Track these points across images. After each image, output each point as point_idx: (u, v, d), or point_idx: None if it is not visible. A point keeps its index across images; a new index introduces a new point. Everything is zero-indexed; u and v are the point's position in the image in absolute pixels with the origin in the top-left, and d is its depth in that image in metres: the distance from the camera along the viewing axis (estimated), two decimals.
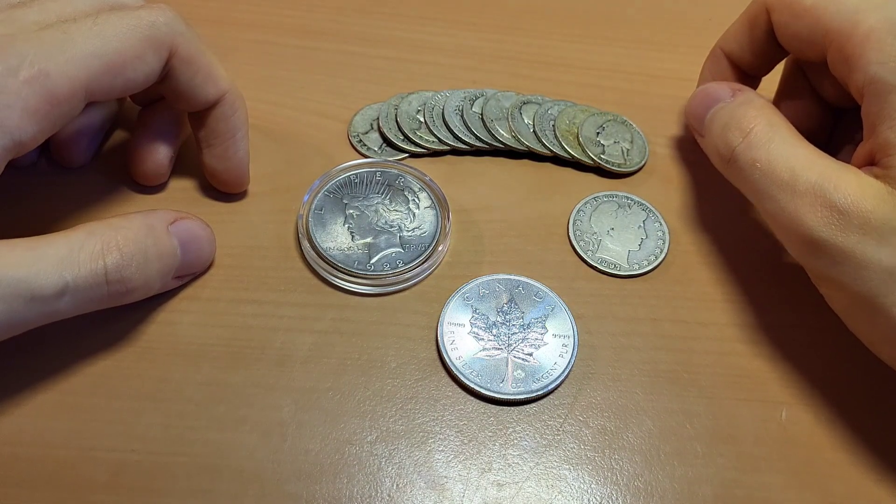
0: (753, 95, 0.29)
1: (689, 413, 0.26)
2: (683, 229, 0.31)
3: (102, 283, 0.23)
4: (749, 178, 0.26)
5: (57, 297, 0.22)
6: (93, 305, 0.24)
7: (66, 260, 0.22)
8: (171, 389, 0.26)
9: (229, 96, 0.28)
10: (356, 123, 0.34)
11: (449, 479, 0.25)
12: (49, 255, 0.22)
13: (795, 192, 0.24)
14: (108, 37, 0.24)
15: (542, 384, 0.26)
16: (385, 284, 0.28)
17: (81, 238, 0.23)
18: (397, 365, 0.27)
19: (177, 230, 0.26)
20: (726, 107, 0.29)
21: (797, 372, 0.28)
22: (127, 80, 0.25)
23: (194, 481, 0.24)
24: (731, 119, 0.28)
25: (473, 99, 0.34)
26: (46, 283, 0.22)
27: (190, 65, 0.27)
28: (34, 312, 0.22)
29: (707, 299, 0.29)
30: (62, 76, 0.23)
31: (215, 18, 0.38)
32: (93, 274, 0.23)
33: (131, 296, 0.25)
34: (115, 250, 0.23)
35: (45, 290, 0.22)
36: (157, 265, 0.25)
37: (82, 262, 0.22)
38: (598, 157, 0.33)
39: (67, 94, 0.23)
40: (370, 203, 0.30)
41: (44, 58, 0.23)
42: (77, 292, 0.22)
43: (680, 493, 0.25)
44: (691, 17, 0.41)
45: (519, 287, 0.29)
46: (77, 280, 0.22)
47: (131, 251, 0.24)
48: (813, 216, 0.24)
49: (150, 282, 0.25)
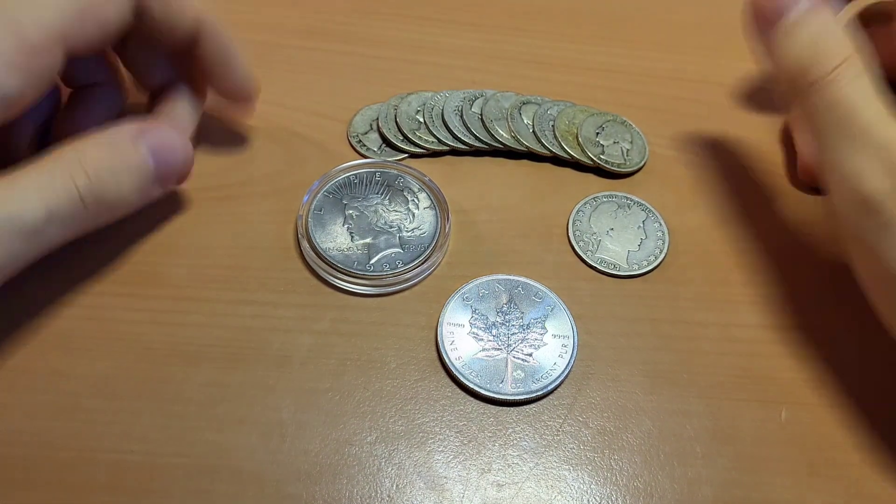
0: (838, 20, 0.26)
1: (688, 413, 0.26)
2: (683, 229, 0.31)
3: (80, 206, 0.24)
4: (822, 115, 0.24)
5: (45, 226, 0.23)
6: (79, 228, 0.24)
7: (45, 188, 0.23)
8: (170, 390, 0.26)
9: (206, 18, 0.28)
10: (356, 124, 0.34)
11: (449, 480, 0.25)
12: (29, 187, 0.23)
13: (866, 146, 0.23)
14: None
15: (541, 384, 0.26)
16: (384, 285, 0.28)
17: (50, 165, 0.24)
18: (397, 365, 0.27)
19: (144, 140, 0.26)
20: (813, 23, 0.25)
21: (797, 372, 0.28)
22: (102, 22, 0.25)
23: (194, 482, 0.24)
24: (819, 42, 0.25)
25: (473, 99, 0.34)
26: (32, 215, 0.22)
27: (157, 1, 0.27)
28: (28, 245, 0.23)
29: (707, 299, 0.29)
30: (35, 23, 0.23)
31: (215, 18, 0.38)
32: (70, 198, 0.23)
33: (112, 212, 0.25)
34: (81, 172, 0.24)
35: (33, 222, 0.22)
36: (128, 178, 0.25)
37: (57, 188, 0.23)
38: (597, 158, 0.33)
39: (43, 42, 0.23)
40: (370, 203, 0.30)
41: (13, 5, 0.23)
42: (61, 219, 0.23)
43: (680, 493, 0.25)
44: (691, 17, 0.40)
45: (518, 287, 0.29)
46: (58, 206, 0.23)
47: (97, 169, 0.24)
48: (875, 176, 0.23)
49: (126, 196, 0.25)
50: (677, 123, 0.35)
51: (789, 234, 0.31)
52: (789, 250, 0.31)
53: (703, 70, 0.38)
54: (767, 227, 0.31)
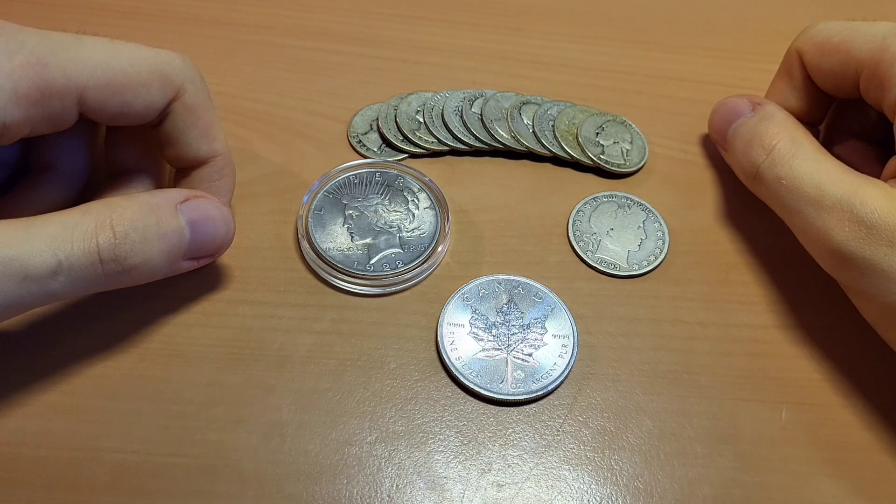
0: (775, 109, 0.29)
1: (688, 413, 0.26)
2: (683, 229, 0.31)
3: (96, 262, 0.22)
4: (775, 194, 0.27)
5: (51, 277, 0.22)
6: (91, 285, 0.23)
7: (59, 238, 0.22)
8: (170, 390, 0.26)
9: (220, 160, 0.27)
10: (356, 124, 0.34)
11: (448, 480, 0.25)
12: (42, 234, 0.22)
13: (822, 207, 0.25)
14: (119, 55, 0.24)
15: (541, 385, 0.26)
16: (384, 285, 0.28)
17: (76, 217, 0.22)
18: (397, 365, 0.27)
19: (186, 209, 0.25)
20: (747, 122, 0.29)
21: (797, 372, 0.28)
22: (125, 103, 0.24)
23: (194, 482, 0.24)
24: (753, 135, 0.28)
25: (473, 99, 0.34)
26: (39, 261, 0.21)
27: (191, 113, 0.26)
28: (28, 293, 0.21)
29: (707, 299, 0.29)
30: (60, 70, 0.23)
31: (215, 18, 0.38)
32: (85, 253, 0.22)
33: (131, 275, 0.23)
34: (107, 228, 0.23)
35: (38, 270, 0.21)
36: (158, 245, 0.24)
37: (75, 241, 0.22)
38: (597, 158, 0.33)
39: (61, 89, 0.23)
40: (370, 203, 0.30)
41: (46, 50, 0.23)
42: (71, 272, 0.22)
43: (680, 493, 0.25)
44: (691, 18, 0.41)
45: (518, 287, 0.29)
46: (70, 259, 0.22)
47: (125, 230, 0.23)
48: (840, 230, 0.24)
49: (151, 261, 0.24)
50: (677, 123, 0.35)
51: (789, 234, 0.31)
52: (789, 250, 0.31)
53: (703, 70, 0.38)
54: (767, 226, 0.31)
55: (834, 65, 0.28)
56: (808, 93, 0.30)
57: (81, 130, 0.27)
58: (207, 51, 0.36)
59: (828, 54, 0.28)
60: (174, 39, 0.26)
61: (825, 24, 0.29)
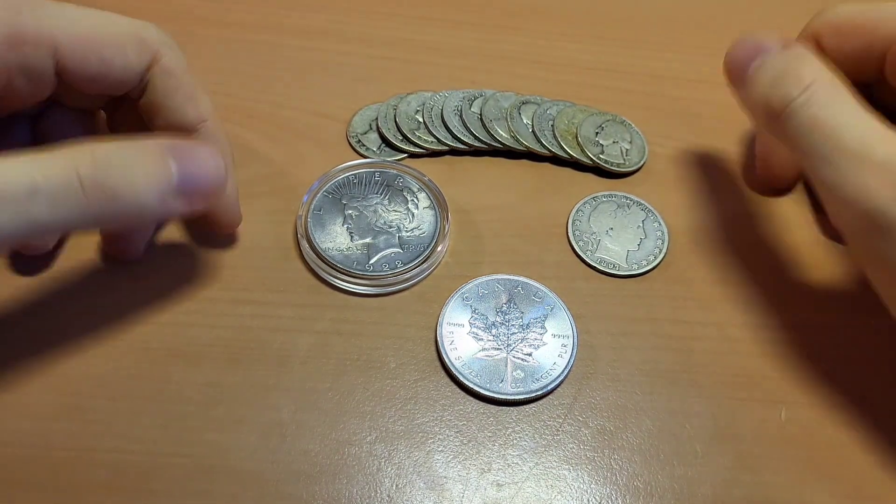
0: (808, 51, 0.26)
1: (688, 413, 0.26)
2: (682, 229, 0.31)
3: (76, 183, 0.21)
4: (806, 137, 0.24)
5: (28, 198, 0.20)
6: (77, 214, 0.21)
7: (35, 161, 0.21)
8: (170, 390, 0.26)
9: (210, 125, 0.27)
10: (355, 124, 0.34)
11: (448, 480, 0.25)
12: (17, 159, 0.20)
13: (865, 163, 0.23)
14: (93, 15, 0.24)
15: (541, 384, 0.26)
16: (384, 285, 0.28)
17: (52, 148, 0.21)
18: (396, 365, 0.27)
19: (170, 145, 0.23)
20: (780, 56, 0.26)
21: (797, 372, 0.28)
22: (102, 62, 0.24)
23: (193, 482, 0.24)
24: (786, 70, 0.25)
25: (472, 99, 0.34)
26: (14, 180, 0.20)
27: (172, 77, 0.26)
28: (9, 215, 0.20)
29: (706, 299, 0.29)
30: (34, 20, 0.22)
31: (215, 18, 0.38)
32: (64, 174, 0.21)
33: (119, 205, 0.22)
34: (86, 153, 0.21)
35: (14, 188, 0.20)
36: (142, 173, 0.22)
37: (54, 164, 0.21)
38: (596, 157, 0.33)
39: (34, 38, 0.23)
40: (369, 203, 0.30)
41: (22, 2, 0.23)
42: (51, 194, 0.20)
43: (679, 492, 0.25)
44: (691, 17, 0.40)
45: (518, 287, 0.29)
46: (48, 179, 0.20)
47: (106, 155, 0.22)
48: (883, 192, 0.22)
49: (136, 190, 0.22)
50: (677, 123, 0.35)
51: (789, 234, 0.31)
52: (789, 250, 0.31)
53: (703, 70, 0.38)
54: (767, 226, 0.31)
55: (857, 47, 0.27)
56: None
57: (85, 122, 0.28)
58: (207, 51, 0.36)
59: (850, 36, 0.27)
60: (174, 39, 0.26)
61: (843, 6, 0.28)
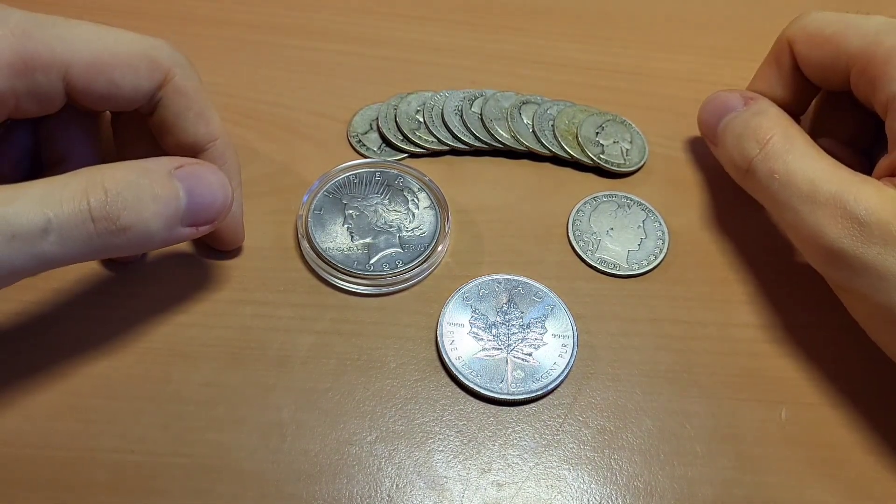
0: (767, 104, 0.29)
1: (688, 413, 0.26)
2: (683, 229, 0.31)
3: (87, 219, 0.21)
4: (767, 189, 0.26)
5: (41, 236, 0.21)
6: (86, 248, 0.22)
7: (48, 196, 0.21)
8: (170, 390, 0.26)
9: (220, 144, 0.27)
10: (355, 124, 0.34)
11: (448, 480, 0.25)
12: (30, 193, 0.21)
13: (815, 203, 0.25)
14: (105, 35, 0.24)
15: (541, 384, 0.26)
16: (384, 285, 0.28)
17: (65, 179, 0.22)
18: (397, 365, 0.27)
19: (181, 173, 0.24)
20: (740, 116, 0.29)
21: (797, 372, 0.28)
22: (112, 83, 0.24)
23: (194, 482, 0.24)
24: (746, 129, 0.28)
25: (473, 99, 0.34)
26: (27, 220, 0.20)
27: (183, 97, 0.26)
28: (20, 254, 0.21)
29: (707, 299, 0.29)
30: (44, 44, 0.23)
31: (215, 18, 0.38)
32: (76, 210, 0.21)
33: (127, 237, 0.22)
34: (98, 187, 0.22)
35: (27, 228, 0.20)
36: (153, 206, 0.23)
37: (65, 199, 0.21)
38: (597, 157, 0.33)
39: (45, 62, 0.23)
40: (369, 203, 0.30)
41: (31, 25, 0.23)
42: (62, 231, 0.21)
43: (680, 493, 0.25)
44: (691, 17, 0.40)
45: (518, 287, 0.29)
46: (60, 217, 0.21)
47: (117, 188, 0.22)
48: (833, 227, 0.24)
49: (145, 222, 0.22)
50: (677, 123, 0.35)
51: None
52: (789, 250, 0.31)
53: (703, 70, 0.38)
54: (767, 226, 0.31)
55: (824, 57, 0.28)
56: (794, 82, 0.30)
57: (88, 125, 0.28)
58: (207, 51, 0.36)
59: (819, 46, 0.28)
60: (174, 39, 0.26)
61: (818, 14, 0.28)
